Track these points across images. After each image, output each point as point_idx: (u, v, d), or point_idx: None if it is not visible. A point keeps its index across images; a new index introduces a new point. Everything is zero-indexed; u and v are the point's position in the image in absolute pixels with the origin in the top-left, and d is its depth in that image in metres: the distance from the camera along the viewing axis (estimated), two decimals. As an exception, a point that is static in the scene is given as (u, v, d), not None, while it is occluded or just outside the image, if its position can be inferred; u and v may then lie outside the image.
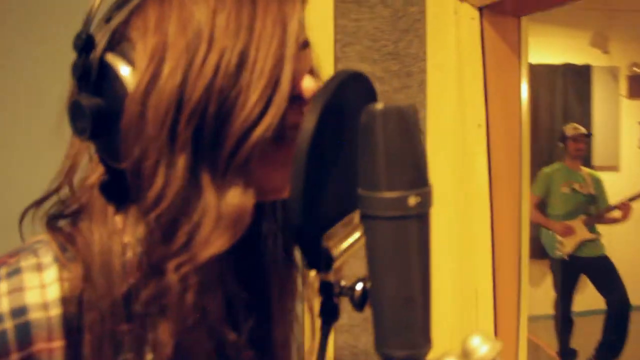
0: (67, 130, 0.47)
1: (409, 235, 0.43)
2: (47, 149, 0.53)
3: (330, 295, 0.52)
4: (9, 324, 0.42)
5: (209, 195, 0.43)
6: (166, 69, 0.42)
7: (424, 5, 1.28)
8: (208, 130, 0.43)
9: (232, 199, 0.43)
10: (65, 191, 0.50)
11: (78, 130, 0.45)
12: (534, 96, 3.82)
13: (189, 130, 0.42)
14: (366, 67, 1.47)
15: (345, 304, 0.50)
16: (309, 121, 0.41)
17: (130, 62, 0.44)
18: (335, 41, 1.49)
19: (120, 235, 0.47)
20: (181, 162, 0.42)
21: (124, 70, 0.44)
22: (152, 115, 0.42)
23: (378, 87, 1.45)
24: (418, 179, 0.43)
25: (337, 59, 1.49)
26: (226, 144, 0.43)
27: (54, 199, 0.50)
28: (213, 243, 0.42)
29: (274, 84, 0.44)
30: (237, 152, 0.43)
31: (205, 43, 0.43)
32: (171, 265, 0.42)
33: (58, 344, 0.43)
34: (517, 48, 1.28)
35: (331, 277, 0.54)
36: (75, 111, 0.45)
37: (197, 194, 0.43)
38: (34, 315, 0.43)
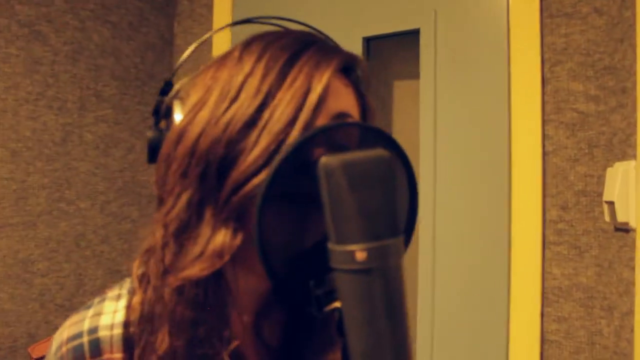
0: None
1: (367, 289, 0.41)
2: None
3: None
4: (85, 339, 0.56)
5: (205, 227, 0.50)
6: (195, 120, 0.52)
7: (636, 8, 1.07)
8: (211, 174, 0.50)
9: (220, 236, 0.50)
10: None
11: (147, 155, 0.58)
12: None
13: (196, 172, 0.51)
14: (578, 86, 1.29)
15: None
16: (270, 170, 0.45)
17: (182, 110, 0.55)
18: (544, 61, 1.35)
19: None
20: (185, 195, 0.51)
21: (177, 116, 0.55)
22: (175, 155, 0.52)
23: (592, 107, 1.26)
24: (371, 232, 0.41)
25: (545, 81, 1.34)
26: (225, 188, 0.50)
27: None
28: (193, 267, 0.50)
29: (277, 143, 0.49)
30: (233, 196, 0.50)
31: (227, 101, 0.52)
32: (171, 277, 0.51)
33: (118, 355, 0.55)
34: None
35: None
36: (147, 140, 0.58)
37: (198, 223, 0.51)
38: (102, 333, 0.56)
